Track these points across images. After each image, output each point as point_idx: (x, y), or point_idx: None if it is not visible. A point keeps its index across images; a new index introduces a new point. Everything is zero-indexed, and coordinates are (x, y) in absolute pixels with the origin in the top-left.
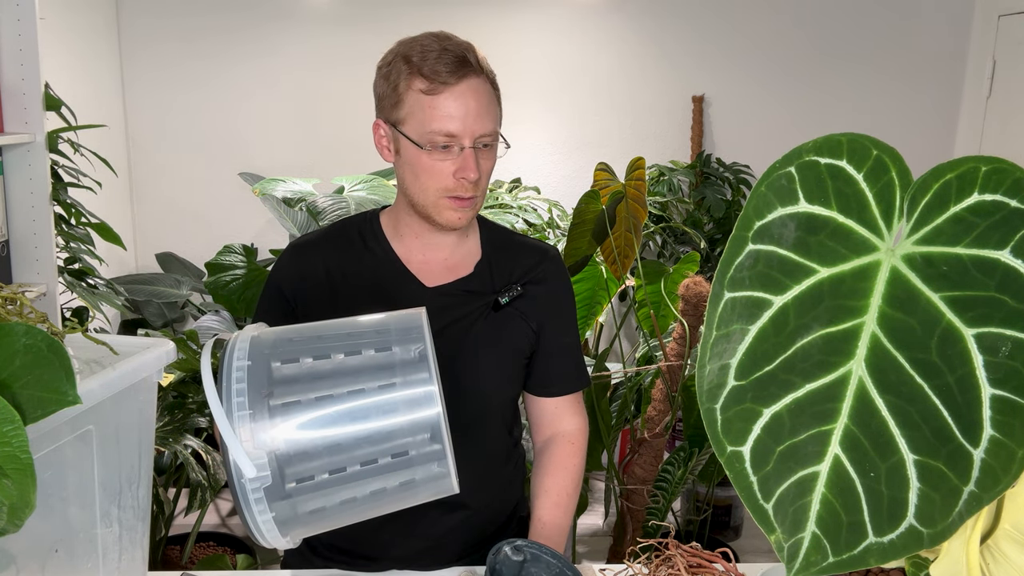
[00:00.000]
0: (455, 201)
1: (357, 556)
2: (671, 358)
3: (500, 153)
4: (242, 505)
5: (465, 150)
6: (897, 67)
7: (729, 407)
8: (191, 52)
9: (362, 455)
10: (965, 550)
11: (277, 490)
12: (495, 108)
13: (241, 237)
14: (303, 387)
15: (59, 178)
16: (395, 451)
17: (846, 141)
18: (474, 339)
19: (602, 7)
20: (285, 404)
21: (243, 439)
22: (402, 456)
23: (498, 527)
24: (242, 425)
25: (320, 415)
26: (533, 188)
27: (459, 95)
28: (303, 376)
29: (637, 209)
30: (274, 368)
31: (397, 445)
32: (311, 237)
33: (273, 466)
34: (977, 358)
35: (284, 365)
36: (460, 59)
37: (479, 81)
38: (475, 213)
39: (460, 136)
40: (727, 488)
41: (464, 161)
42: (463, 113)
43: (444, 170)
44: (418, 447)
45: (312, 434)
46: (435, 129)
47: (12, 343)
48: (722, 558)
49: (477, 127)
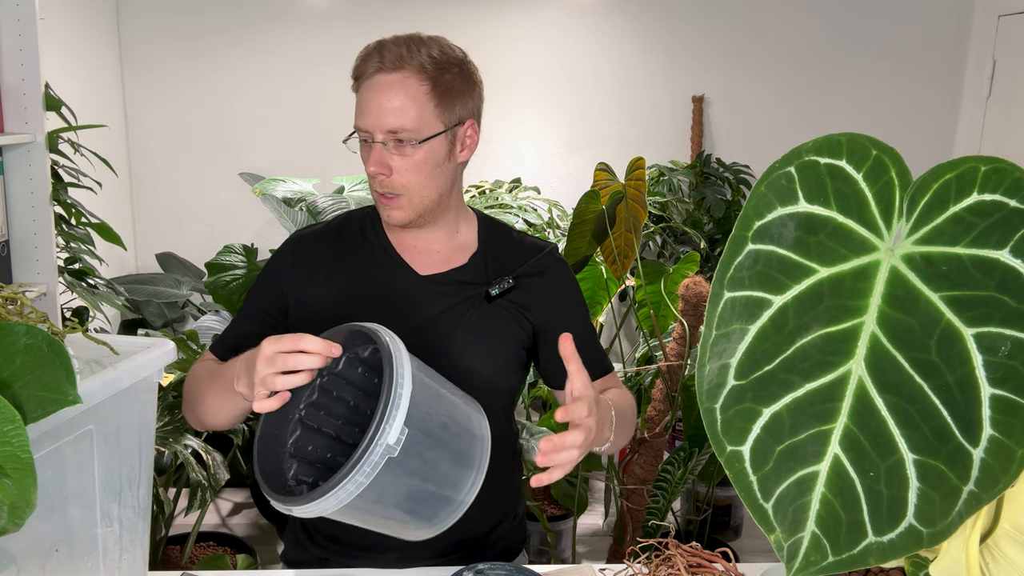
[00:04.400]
0: (381, 197)
1: (354, 547)
2: (671, 358)
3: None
4: (354, 462)
5: (374, 144)
6: (897, 67)
7: (729, 407)
8: (191, 52)
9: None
10: (965, 550)
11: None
12: (417, 105)
13: (241, 237)
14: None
15: (59, 178)
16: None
17: (846, 141)
18: (464, 328)
19: (603, 7)
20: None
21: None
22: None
23: (496, 521)
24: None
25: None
26: (533, 188)
27: (368, 89)
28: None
29: (637, 209)
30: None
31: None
32: (314, 228)
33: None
34: (977, 358)
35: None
36: (379, 56)
37: (395, 77)
38: (412, 211)
39: (369, 130)
40: (727, 488)
41: (370, 155)
42: (370, 107)
43: (364, 163)
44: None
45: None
46: (356, 124)
47: (13, 343)
48: (722, 558)
49: (382, 123)
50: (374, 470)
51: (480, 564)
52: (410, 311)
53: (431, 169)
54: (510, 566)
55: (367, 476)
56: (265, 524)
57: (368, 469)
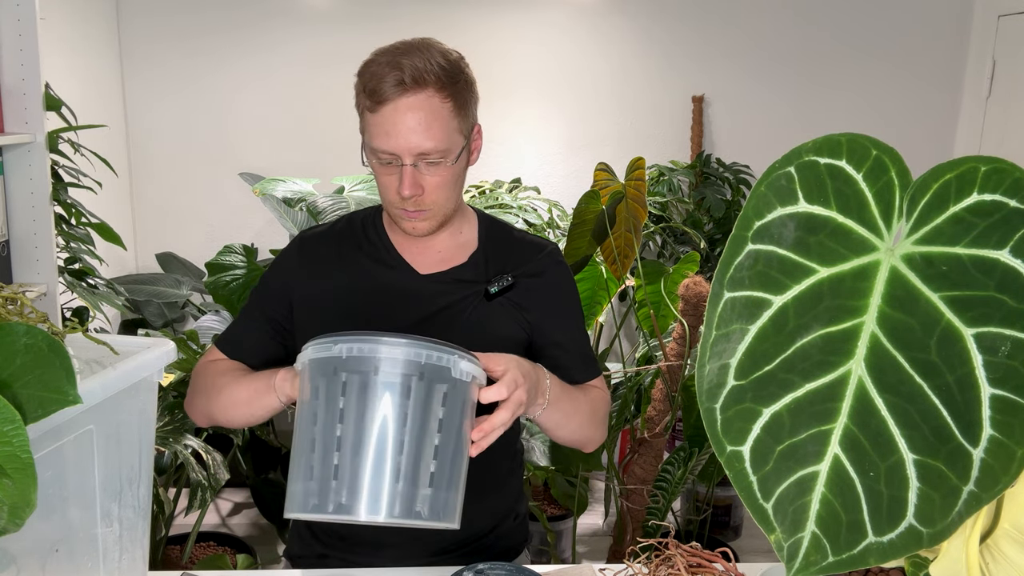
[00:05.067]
0: (405, 212)
1: (355, 543)
2: (671, 358)
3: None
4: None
5: (404, 167)
6: (897, 67)
7: (729, 407)
8: (191, 51)
9: (395, 427)
10: (965, 550)
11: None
12: (442, 123)
13: (241, 237)
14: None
15: (59, 178)
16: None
17: (845, 141)
18: (463, 326)
19: (602, 7)
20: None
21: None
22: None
23: (496, 520)
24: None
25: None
26: (533, 188)
27: (393, 112)
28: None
29: (637, 209)
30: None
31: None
32: (318, 229)
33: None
34: (976, 358)
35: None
36: (399, 76)
37: (420, 98)
38: (436, 221)
39: (398, 153)
40: (727, 488)
41: (402, 178)
42: (399, 131)
43: (390, 185)
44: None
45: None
46: (376, 146)
47: (13, 343)
48: (722, 558)
49: (414, 144)
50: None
51: (480, 564)
52: (410, 309)
53: (456, 181)
54: (510, 566)
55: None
56: (265, 524)
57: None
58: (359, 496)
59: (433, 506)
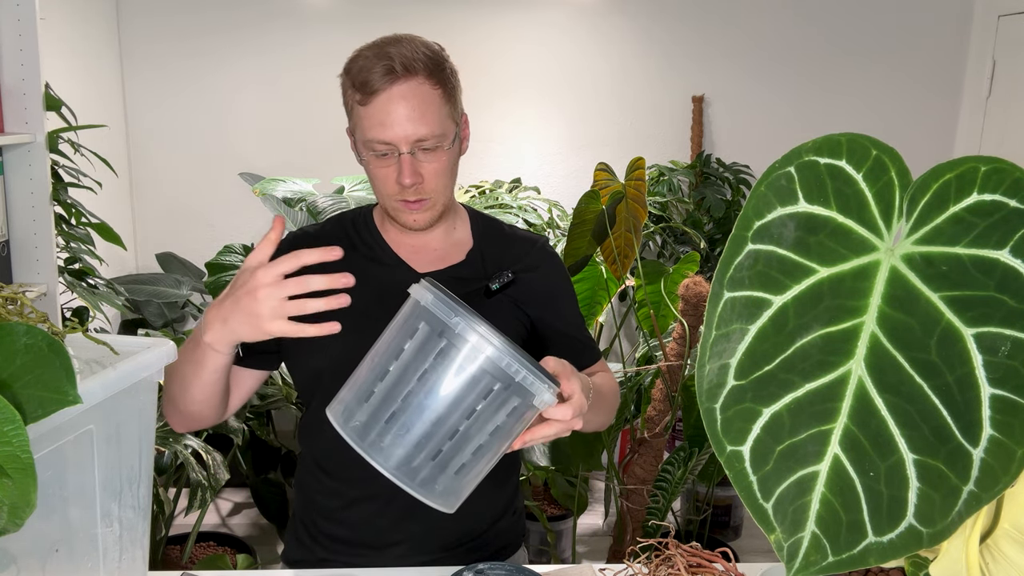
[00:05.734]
0: (405, 204)
1: (356, 544)
2: (671, 358)
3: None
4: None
5: (402, 156)
6: (897, 67)
7: (729, 407)
8: (191, 51)
9: (459, 415)
10: (965, 550)
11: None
12: (435, 109)
13: (241, 237)
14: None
15: (59, 178)
16: (484, 393)
17: (845, 141)
18: None
19: (602, 7)
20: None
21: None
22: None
23: (496, 516)
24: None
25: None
26: (533, 188)
27: (387, 102)
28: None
29: (637, 209)
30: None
31: (482, 388)
32: (308, 229)
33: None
34: (976, 358)
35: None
36: (388, 66)
37: (411, 85)
38: (436, 212)
39: (394, 143)
40: (727, 488)
41: (400, 167)
42: (393, 120)
43: (387, 176)
44: (503, 377)
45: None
46: (371, 138)
47: (13, 343)
48: (722, 558)
49: (410, 132)
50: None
51: (480, 564)
52: None
53: (452, 168)
54: (510, 566)
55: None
56: (265, 524)
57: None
58: (395, 454)
59: (447, 490)
